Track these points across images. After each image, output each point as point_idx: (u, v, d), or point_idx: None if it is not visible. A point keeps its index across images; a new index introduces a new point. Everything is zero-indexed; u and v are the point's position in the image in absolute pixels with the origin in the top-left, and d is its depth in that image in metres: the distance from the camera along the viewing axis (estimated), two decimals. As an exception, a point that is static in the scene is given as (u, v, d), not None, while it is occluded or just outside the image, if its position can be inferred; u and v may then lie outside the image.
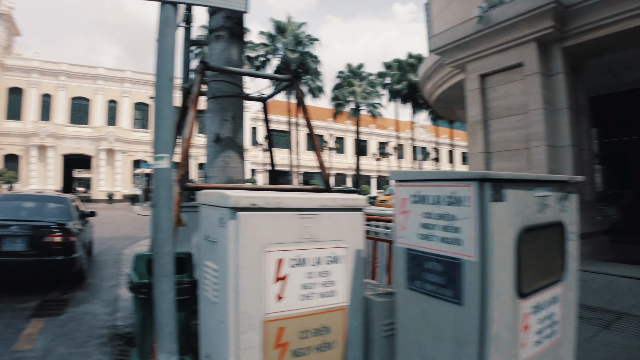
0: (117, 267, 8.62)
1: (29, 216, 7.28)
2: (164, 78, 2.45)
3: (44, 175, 39.06)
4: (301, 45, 38.77)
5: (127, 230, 15.81)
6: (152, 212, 2.53)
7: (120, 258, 9.62)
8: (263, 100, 4.77)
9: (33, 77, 40.01)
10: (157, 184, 2.40)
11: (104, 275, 8.00)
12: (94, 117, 41.17)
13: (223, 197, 2.05)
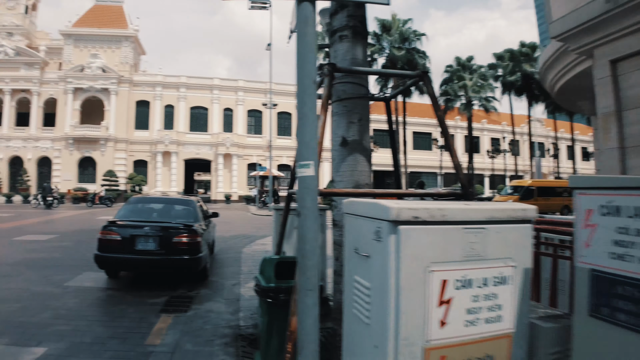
0: (237, 266, 8.97)
1: (159, 218, 7.83)
2: (305, 80, 2.33)
3: (168, 178, 42.83)
4: (407, 41, 37.93)
5: (244, 230, 16.55)
6: (298, 222, 2.41)
7: (240, 257, 10.01)
8: (386, 99, 4.53)
9: (157, 91, 44.27)
10: (303, 192, 2.30)
11: (225, 274, 8.35)
12: (211, 125, 44.31)
13: (381, 208, 1.83)
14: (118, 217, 7.54)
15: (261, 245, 11.84)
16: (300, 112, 2.32)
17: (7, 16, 44.95)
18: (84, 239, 12.41)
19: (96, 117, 43.74)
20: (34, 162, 42.70)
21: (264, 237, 13.81)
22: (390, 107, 4.55)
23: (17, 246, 10.99)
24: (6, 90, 43.02)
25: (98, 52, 43.60)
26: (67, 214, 23.02)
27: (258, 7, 26.81)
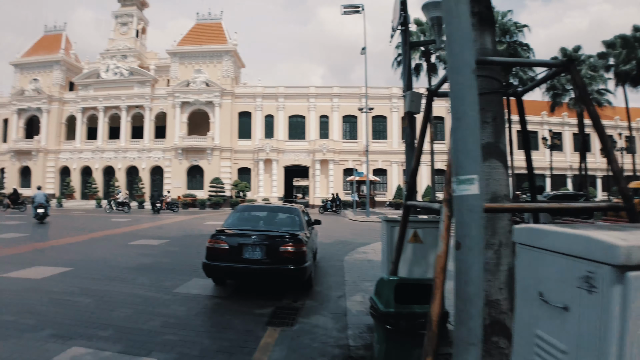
0: (341, 276, 8.62)
1: (265, 226, 7.80)
2: (462, 70, 1.82)
3: (270, 184, 44.26)
4: (508, 34, 35.35)
5: (343, 236, 16.27)
6: (457, 255, 1.88)
7: (342, 266, 9.67)
8: (518, 95, 3.86)
9: (257, 102, 46.08)
10: (464, 216, 1.79)
11: (329, 284, 8.04)
12: (308, 132, 45.10)
13: (597, 245, 1.25)
14: (225, 226, 7.59)
15: (363, 253, 11.44)
16: (457, 111, 1.81)
17: (121, 40, 49.74)
18: (191, 244, 13.00)
19: (202, 129, 46.65)
20: (147, 171, 46.59)
21: (364, 244, 13.42)
22: (522, 104, 3.87)
23: (131, 250, 11.74)
24: (123, 106, 47.59)
25: (201, 68, 46.42)
26: (176, 219, 24.53)
27: (351, 13, 26.59)
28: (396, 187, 42.15)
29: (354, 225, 22.29)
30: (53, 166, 48.76)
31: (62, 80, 50.24)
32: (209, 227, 19.24)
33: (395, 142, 44.42)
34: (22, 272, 8.42)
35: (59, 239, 14.11)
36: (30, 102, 49.02)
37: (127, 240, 13.76)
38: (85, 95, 48.93)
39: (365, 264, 9.94)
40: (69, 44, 53.06)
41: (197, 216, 27.96)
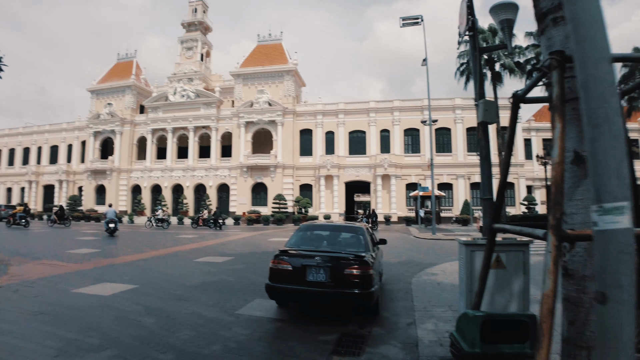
0: (409, 300, 8.08)
1: (329, 247, 7.43)
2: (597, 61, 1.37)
3: (331, 200, 44.13)
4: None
5: (409, 255, 15.58)
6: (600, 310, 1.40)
7: (410, 288, 9.12)
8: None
9: (318, 119, 46.43)
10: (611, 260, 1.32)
11: (396, 309, 7.52)
12: (369, 147, 44.65)
13: None
14: (289, 246, 7.34)
15: (431, 275, 10.78)
16: (595, 115, 1.37)
17: (187, 64, 52.26)
18: (255, 262, 12.93)
19: (266, 147, 47.67)
20: (214, 189, 48.17)
21: (432, 265, 12.72)
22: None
23: (196, 268, 11.80)
24: (190, 127, 49.82)
25: (264, 88, 47.60)
26: (241, 236, 24.81)
27: (410, 24, 26.19)
28: (462, 202, 40.56)
29: (420, 243, 21.45)
30: (125, 184, 51.66)
31: (133, 103, 53.44)
32: (272, 244, 19.28)
33: (461, 155, 42.90)
34: (92, 288, 8.65)
35: (128, 256, 14.56)
36: (105, 125, 52.53)
37: (192, 257, 13.94)
38: (155, 117, 51.65)
39: (434, 286, 9.32)
40: (139, 69, 56.45)
41: (261, 232, 28.21)
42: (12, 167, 60.41)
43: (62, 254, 14.54)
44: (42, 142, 58.81)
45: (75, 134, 56.69)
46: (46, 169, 57.31)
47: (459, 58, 30.91)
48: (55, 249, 16.46)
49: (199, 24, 54.62)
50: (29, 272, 10.76)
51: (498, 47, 7.50)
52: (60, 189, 55.21)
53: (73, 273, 10.69)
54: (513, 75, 29.77)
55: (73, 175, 55.70)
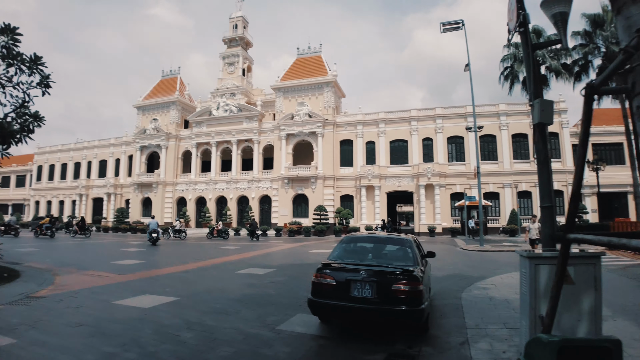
0: (460, 317, 7.57)
1: (374, 260, 7.04)
2: None
3: (372, 211, 43.47)
4: (627, 34, 31.18)
5: (457, 268, 14.88)
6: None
7: (460, 304, 8.59)
8: None
9: (358, 129, 46.02)
10: None
11: (447, 326, 7.03)
12: (411, 156, 43.73)
13: None
14: (332, 258, 6.98)
15: (482, 289, 10.16)
16: None
17: (229, 80, 53.37)
18: (297, 274, 12.66)
19: (306, 158, 47.74)
20: (257, 200, 48.63)
21: (481, 278, 12.05)
22: None
23: (237, 280, 11.68)
24: (233, 141, 50.68)
25: (304, 100, 47.80)
26: (282, 247, 24.70)
27: (450, 30, 25.64)
28: (509, 211, 38.98)
29: (467, 255, 20.58)
30: (171, 197, 52.97)
31: (178, 118, 54.93)
32: (314, 255, 18.98)
33: (507, 163, 41.31)
34: (133, 300, 8.62)
35: (170, 267, 14.62)
36: (150, 140, 54.24)
37: (234, 269, 13.85)
38: (199, 132, 52.85)
39: (486, 302, 8.73)
40: (183, 85, 58.10)
41: (302, 244, 28.00)
42: (64, 181, 63.22)
43: (106, 265, 14.81)
44: (91, 157, 61.34)
45: (122, 149, 58.78)
46: (95, 183, 59.66)
47: (502, 62, 29.84)
48: (100, 260, 16.83)
49: (239, 39, 55.68)
50: (74, 282, 10.93)
51: (553, 43, 6.95)
52: (108, 201, 57.25)
53: (115, 284, 10.77)
54: (560, 77, 28.34)
55: (120, 189, 57.66)
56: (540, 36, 28.58)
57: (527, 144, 41.16)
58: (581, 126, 2.85)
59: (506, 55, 29.38)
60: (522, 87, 29.93)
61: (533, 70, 6.29)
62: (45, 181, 65.14)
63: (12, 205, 71.16)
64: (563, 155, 39.86)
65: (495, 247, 23.74)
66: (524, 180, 40.53)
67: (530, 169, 40.26)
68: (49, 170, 65.33)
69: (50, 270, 13.37)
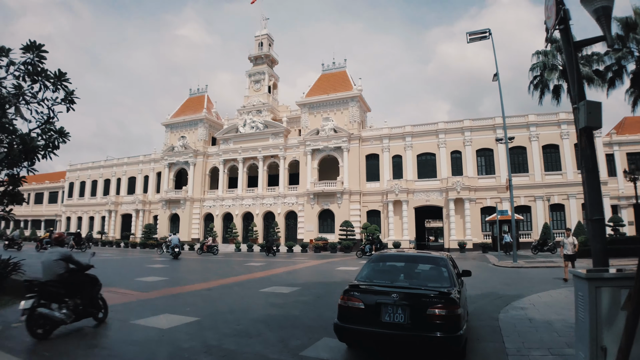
0: (498, 340, 6.97)
1: (407, 281, 6.50)
2: None
3: (400, 227, 42.58)
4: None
5: (490, 285, 14.11)
6: None
7: (497, 326, 7.98)
8: None
9: (384, 143, 45.48)
10: None
11: (485, 352, 6.45)
12: (440, 170, 42.81)
13: None
14: (360, 279, 6.46)
15: (520, 310, 9.47)
16: None
17: (255, 97, 53.89)
18: (323, 293, 12.16)
19: (332, 173, 47.44)
20: (282, 216, 48.41)
21: (518, 297, 11.33)
22: None
23: (261, 299, 11.24)
24: (259, 157, 50.87)
25: (329, 115, 47.67)
26: (307, 264, 24.22)
27: (477, 39, 25.11)
28: (542, 225, 37.58)
29: (499, 272, 19.68)
30: (198, 213, 53.32)
31: (205, 135, 55.58)
32: (340, 273, 18.46)
33: (538, 175, 39.95)
34: (151, 320, 8.32)
35: (194, 284, 14.35)
36: (178, 157, 54.96)
37: (258, 287, 13.43)
38: (226, 148, 53.28)
39: (526, 324, 8.07)
40: (210, 103, 58.93)
41: (328, 260, 27.48)
42: (94, 198, 64.67)
43: (130, 282, 14.67)
44: (120, 173, 62.58)
45: (151, 166, 59.73)
46: (124, 199, 60.73)
47: (531, 71, 28.83)
48: (125, 276, 16.75)
49: (265, 57, 56.21)
50: None
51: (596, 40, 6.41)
52: (137, 217, 58.07)
53: (136, 302, 10.53)
54: (592, 85, 27.15)
55: (149, 205, 58.47)
56: (571, 41, 27.62)
57: (559, 155, 39.90)
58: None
59: (535, 64, 28.45)
60: (553, 96, 28.91)
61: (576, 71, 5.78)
62: (76, 197, 66.78)
63: (44, 221, 73.31)
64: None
65: (529, 263, 22.72)
66: (556, 192, 39.10)
67: (563, 181, 38.93)
68: (79, 187, 67.01)
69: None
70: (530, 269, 20.39)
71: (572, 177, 39.03)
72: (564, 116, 40.21)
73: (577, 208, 38.48)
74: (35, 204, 75.86)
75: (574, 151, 39.54)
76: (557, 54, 27.54)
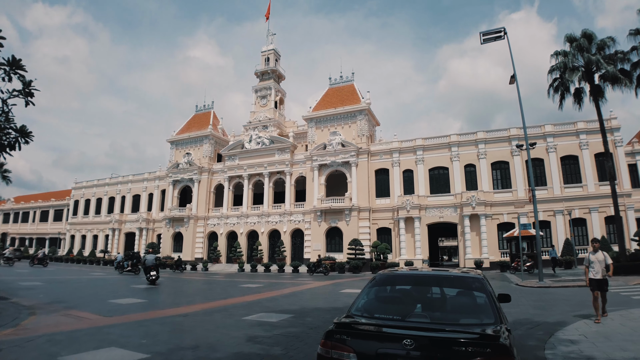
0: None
1: (425, 313, 4.14)
2: None
3: (412, 245, 40.18)
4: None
5: (522, 310, 11.78)
6: None
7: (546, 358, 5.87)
8: None
9: (394, 157, 43.36)
10: None
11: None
12: (453, 184, 40.57)
13: None
14: (355, 311, 4.25)
15: (569, 343, 7.33)
16: None
17: (262, 112, 52.59)
18: (317, 323, 9.95)
19: (340, 189, 45.49)
20: (288, 234, 46.25)
21: (561, 325, 9.19)
22: None
23: (241, 330, 9.06)
24: (265, 173, 49.13)
25: (337, 130, 45.92)
26: (310, 285, 22.03)
27: (491, 40, 23.39)
28: (563, 241, 35.07)
29: (526, 292, 17.34)
30: (202, 232, 51.47)
31: (211, 152, 54.11)
32: (344, 297, 16.26)
33: (557, 188, 37.51)
34: (88, 356, 6.43)
35: (171, 308, 12.41)
36: (183, 174, 53.44)
37: (243, 314, 11.23)
38: (231, 165, 51.69)
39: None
40: (216, 119, 57.60)
41: (334, 281, 25.23)
42: (98, 216, 63.31)
43: (100, 304, 12.92)
44: (125, 191, 61.20)
45: (155, 183, 58.30)
46: (128, 217, 59.23)
47: (550, 74, 26.87)
48: (100, 297, 14.97)
49: (271, 72, 55.02)
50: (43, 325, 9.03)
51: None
52: (140, 236, 56.42)
53: (86, 330, 8.64)
54: (617, 86, 25.05)
55: (153, 223, 56.82)
56: (591, 41, 25.72)
57: (578, 167, 37.60)
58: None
59: (554, 66, 26.49)
60: (574, 100, 26.86)
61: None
62: (81, 215, 65.53)
63: (49, 239, 72.16)
64: (619, 176, 35.72)
65: (556, 283, 20.34)
66: (577, 206, 36.62)
67: (583, 194, 36.62)
68: (84, 205, 65.84)
69: (33, 307, 11.50)
70: (560, 289, 18.13)
71: (594, 189, 36.67)
72: (582, 125, 38.08)
73: (600, 222, 35.98)
74: (41, 221, 74.84)
75: (594, 162, 37.28)
76: (578, 54, 25.57)
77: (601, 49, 25.53)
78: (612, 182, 25.47)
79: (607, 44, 25.36)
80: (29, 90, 9.86)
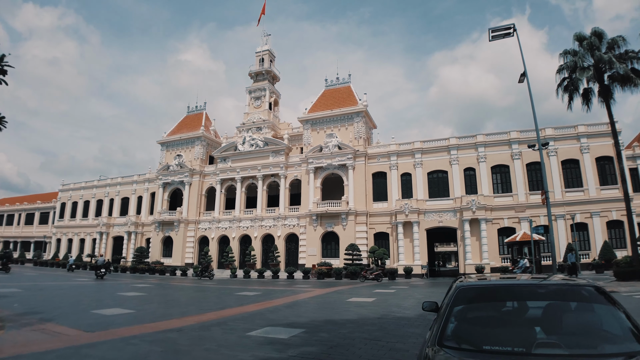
0: None
1: (550, 338, 3.06)
2: None
3: (411, 250, 39.14)
4: None
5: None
6: None
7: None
8: None
9: (392, 160, 42.34)
10: None
11: None
12: (452, 188, 39.60)
13: None
14: (448, 340, 3.05)
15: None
16: None
17: (256, 114, 51.33)
18: (337, 341, 8.35)
19: (336, 193, 44.35)
20: (282, 239, 44.94)
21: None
22: None
23: (246, 351, 7.59)
24: (259, 176, 47.75)
25: (333, 132, 44.85)
26: (311, 293, 20.65)
27: (500, 37, 22.35)
28: (564, 247, 34.21)
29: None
30: (192, 236, 49.96)
31: (202, 154, 52.67)
32: (354, 307, 14.91)
33: (558, 192, 36.65)
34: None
35: (163, 321, 11.05)
36: (174, 176, 51.95)
37: (246, 328, 9.87)
38: (223, 167, 50.30)
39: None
40: (208, 121, 56.19)
41: (335, 289, 23.93)
42: (86, 219, 61.50)
43: (82, 315, 11.60)
44: (114, 194, 59.48)
45: (145, 186, 56.69)
46: (116, 221, 57.51)
47: (559, 73, 26.08)
48: (83, 307, 13.53)
49: (266, 73, 53.81)
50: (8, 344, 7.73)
51: None
52: (129, 240, 54.75)
53: (62, 350, 7.29)
54: (627, 86, 24.27)
55: (142, 227, 55.18)
56: (601, 39, 24.93)
57: (579, 171, 36.97)
58: None
59: (562, 65, 25.69)
60: (583, 100, 26.03)
61: None
62: (68, 218, 63.62)
63: (34, 243, 70.10)
64: (621, 180, 35.03)
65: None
66: (578, 210, 35.81)
67: (585, 198, 35.92)
68: (71, 208, 63.98)
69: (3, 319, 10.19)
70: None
71: (595, 193, 35.94)
72: (583, 129, 37.40)
73: (602, 227, 35.27)
74: (26, 224, 72.66)
75: (595, 166, 36.57)
76: (588, 53, 24.75)
77: (611, 48, 24.75)
78: (625, 185, 24.71)
79: (618, 43, 24.58)
80: (1, 67, 8.63)
